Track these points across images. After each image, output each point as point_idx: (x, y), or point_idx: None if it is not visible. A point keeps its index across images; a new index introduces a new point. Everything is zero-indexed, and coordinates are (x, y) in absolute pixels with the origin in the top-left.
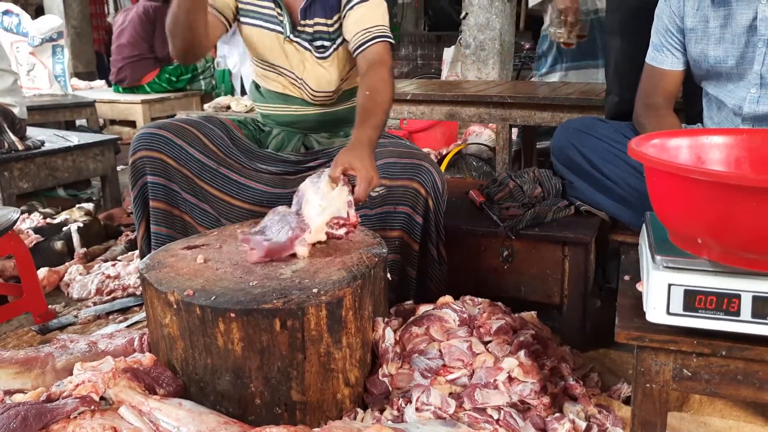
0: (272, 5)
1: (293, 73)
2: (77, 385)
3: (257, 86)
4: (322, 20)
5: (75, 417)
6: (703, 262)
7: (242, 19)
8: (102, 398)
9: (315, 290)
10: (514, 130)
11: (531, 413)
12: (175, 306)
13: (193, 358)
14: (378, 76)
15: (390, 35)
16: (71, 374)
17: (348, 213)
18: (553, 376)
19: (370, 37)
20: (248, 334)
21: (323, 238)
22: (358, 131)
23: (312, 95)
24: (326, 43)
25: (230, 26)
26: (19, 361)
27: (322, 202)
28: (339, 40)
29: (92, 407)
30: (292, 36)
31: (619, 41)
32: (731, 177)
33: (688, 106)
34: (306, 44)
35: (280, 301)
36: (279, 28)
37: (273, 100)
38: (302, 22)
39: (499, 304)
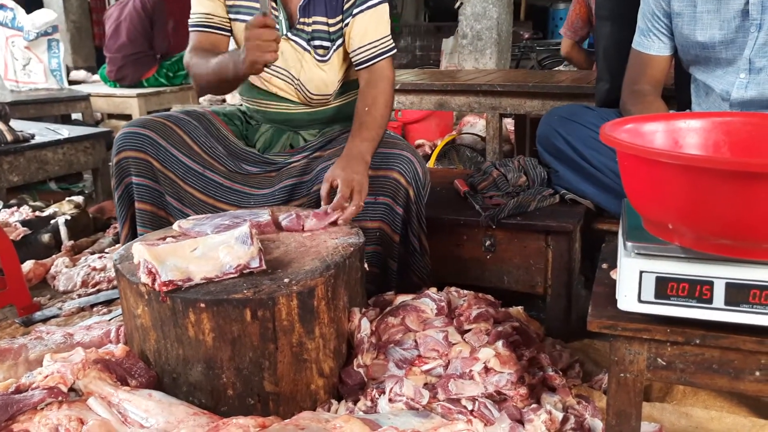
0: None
1: (289, 73)
2: (46, 376)
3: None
4: (323, 19)
5: (42, 408)
6: (676, 249)
7: (233, 16)
8: (72, 389)
9: (286, 280)
10: None
11: (507, 404)
12: (146, 297)
13: (165, 348)
14: (379, 91)
15: (393, 46)
16: None
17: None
18: (531, 367)
19: (376, 53)
20: (219, 325)
21: None
22: (350, 144)
23: (309, 98)
24: (325, 44)
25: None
26: None
27: None
28: (339, 41)
29: (60, 398)
30: (289, 34)
31: (609, 27)
32: (699, 160)
33: (680, 92)
34: (304, 44)
35: (251, 291)
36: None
37: (263, 97)
38: (301, 20)
39: (489, 296)
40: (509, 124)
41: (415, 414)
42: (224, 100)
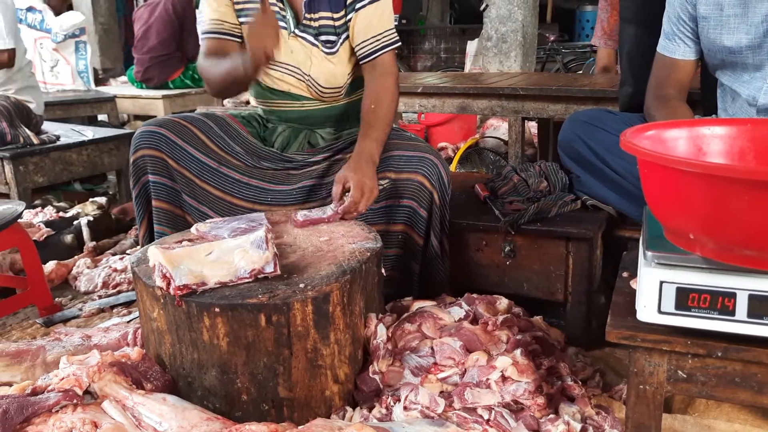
0: (273, 0)
1: (299, 70)
2: (62, 378)
3: (257, 82)
4: (328, 14)
5: (56, 411)
6: (697, 259)
7: (242, 19)
8: (87, 392)
9: (302, 285)
10: None
11: (524, 414)
12: (162, 300)
13: (180, 352)
14: (383, 87)
15: (397, 40)
16: None
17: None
18: (550, 376)
19: (380, 46)
20: (233, 329)
21: None
22: (360, 145)
23: (320, 92)
24: (332, 38)
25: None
26: (9, 353)
27: None
28: (345, 35)
29: (74, 401)
30: (297, 31)
31: (633, 30)
32: (722, 169)
33: (706, 97)
34: (312, 39)
35: (266, 296)
36: (282, 24)
37: (277, 97)
38: (307, 16)
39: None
40: (533, 127)
41: (430, 423)
42: (248, 102)
